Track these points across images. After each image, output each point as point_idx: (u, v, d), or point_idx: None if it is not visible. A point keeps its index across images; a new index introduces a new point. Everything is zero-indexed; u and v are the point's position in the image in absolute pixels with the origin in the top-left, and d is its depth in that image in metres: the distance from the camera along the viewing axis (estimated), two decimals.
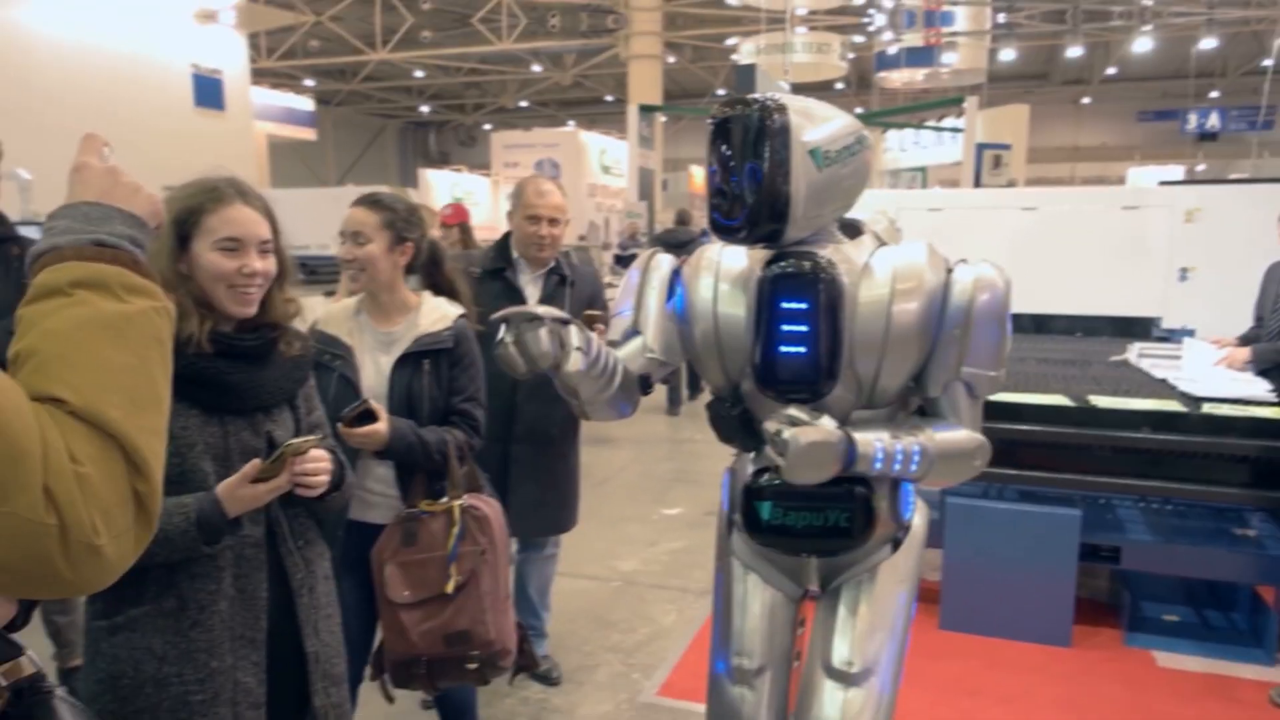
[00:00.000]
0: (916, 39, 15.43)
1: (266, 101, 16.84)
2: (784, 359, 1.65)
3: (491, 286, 2.93)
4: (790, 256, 1.64)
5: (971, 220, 5.25)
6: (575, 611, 3.78)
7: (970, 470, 1.72)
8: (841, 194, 1.64)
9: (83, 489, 0.78)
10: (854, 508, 1.70)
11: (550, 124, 26.31)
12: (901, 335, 1.64)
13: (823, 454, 1.55)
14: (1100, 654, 3.38)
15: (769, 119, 1.55)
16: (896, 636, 1.81)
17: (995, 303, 1.66)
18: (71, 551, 0.78)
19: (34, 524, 0.75)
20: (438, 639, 1.98)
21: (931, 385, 1.71)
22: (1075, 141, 28.05)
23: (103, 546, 0.79)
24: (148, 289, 0.90)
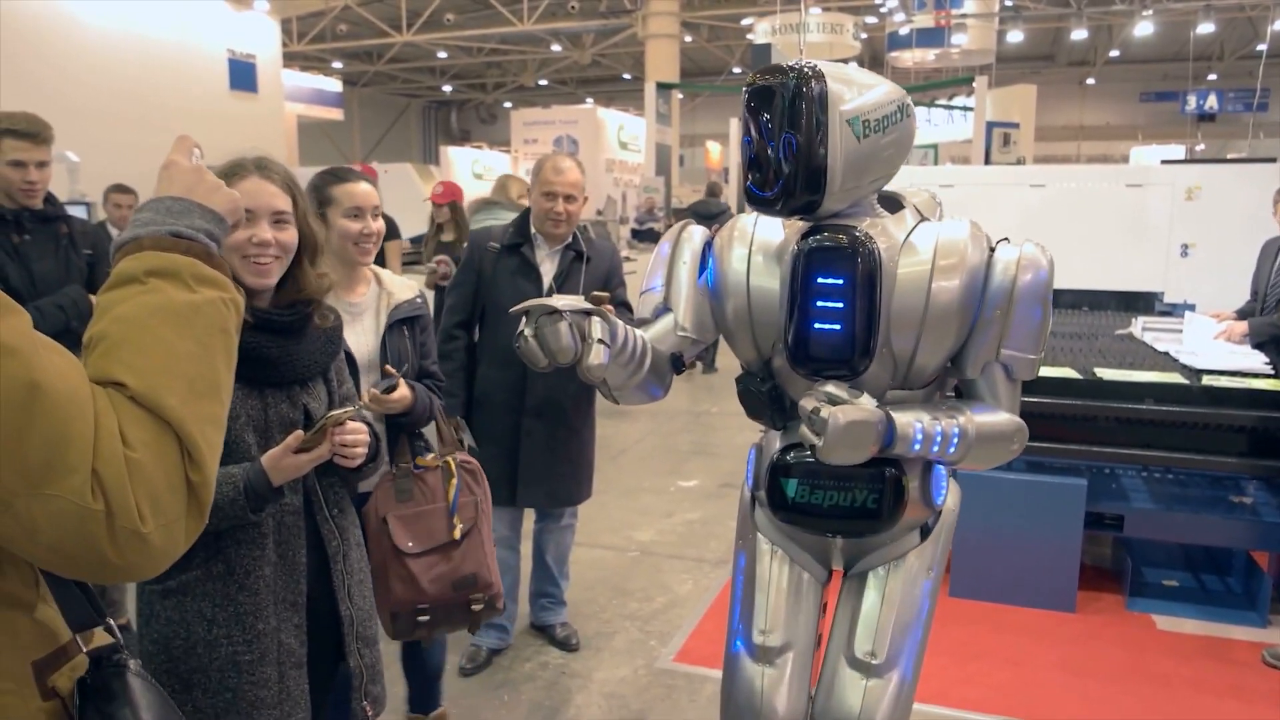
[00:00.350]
0: (927, 20, 15.36)
1: (296, 83, 17.01)
2: (818, 335, 1.60)
3: (509, 262, 3.01)
4: (827, 229, 1.58)
5: (982, 197, 5.30)
6: (593, 580, 3.91)
7: (1007, 454, 1.66)
8: (881, 164, 1.57)
9: (132, 475, 0.78)
10: (883, 489, 1.64)
11: (569, 101, 26.35)
12: (940, 314, 1.58)
13: (862, 434, 1.49)
14: (1103, 618, 3.47)
15: (806, 87, 1.48)
16: (920, 625, 1.77)
17: (1038, 284, 1.60)
18: (118, 537, 0.78)
19: (81, 508, 0.76)
20: (447, 584, 2.09)
21: (970, 366, 1.66)
22: (1080, 121, 28.14)
23: (149, 534, 0.79)
24: (218, 280, 0.92)
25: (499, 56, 24.83)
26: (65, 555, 0.78)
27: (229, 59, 12.50)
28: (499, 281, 3.01)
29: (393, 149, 29.30)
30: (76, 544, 0.77)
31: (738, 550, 1.93)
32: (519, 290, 2.95)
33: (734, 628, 1.88)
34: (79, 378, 0.80)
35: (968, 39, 16.61)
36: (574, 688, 3.08)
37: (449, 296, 3.14)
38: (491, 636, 3.24)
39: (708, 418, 6.83)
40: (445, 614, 2.13)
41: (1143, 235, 4.93)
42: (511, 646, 3.31)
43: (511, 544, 3.24)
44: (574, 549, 3.44)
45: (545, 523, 3.31)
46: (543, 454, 3.05)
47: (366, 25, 20.54)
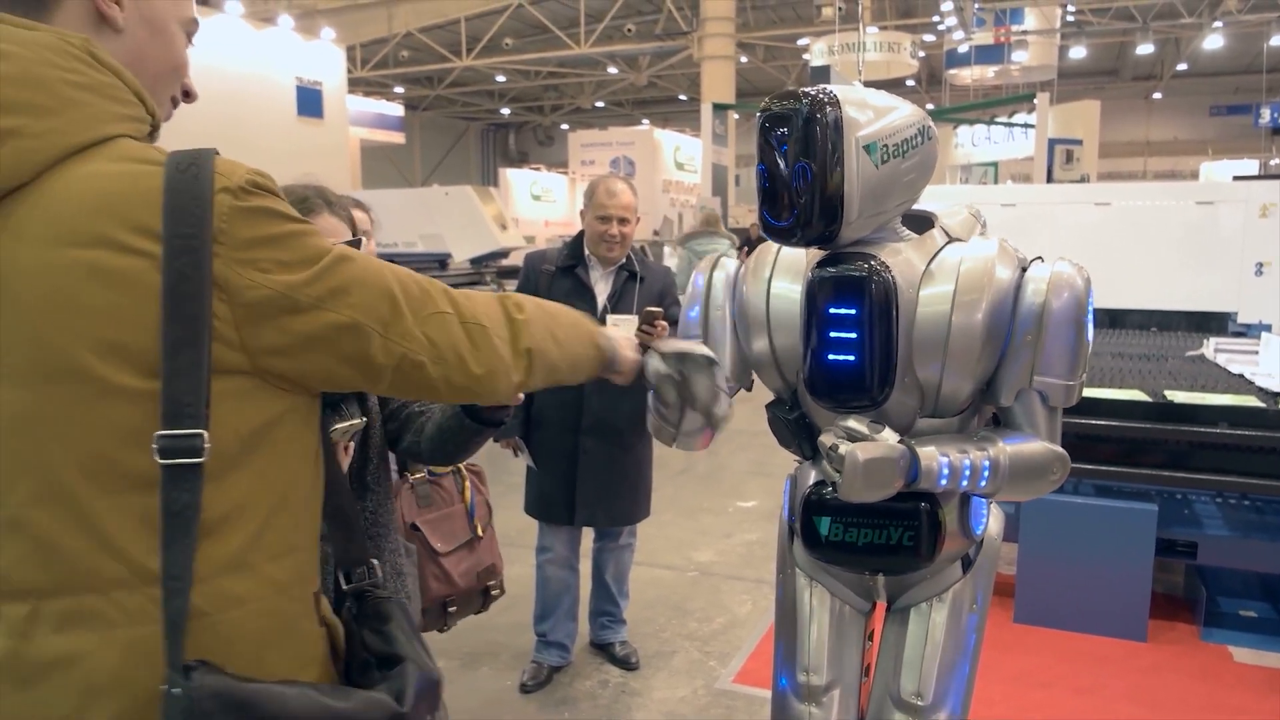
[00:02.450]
0: (987, 37, 15.22)
1: (360, 108, 17.49)
2: (833, 366, 1.55)
3: (563, 283, 3.06)
4: (842, 259, 1.53)
5: (1045, 215, 5.22)
6: (653, 599, 3.92)
7: (1047, 485, 1.58)
8: (902, 189, 1.52)
9: (462, 300, 1.06)
10: (919, 525, 1.57)
11: (626, 123, 26.59)
12: (964, 340, 1.51)
13: (882, 471, 1.44)
14: (1176, 649, 3.38)
15: (820, 113, 1.43)
16: (967, 661, 1.73)
17: (1071, 305, 1.52)
18: (470, 331, 1.03)
19: (443, 313, 1.01)
20: (473, 576, 2.25)
21: (1003, 394, 1.58)
22: (1147, 136, 27.57)
23: (488, 329, 1.05)
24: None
25: (556, 79, 25.20)
26: (449, 362, 1.01)
27: (297, 86, 12.91)
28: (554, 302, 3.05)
29: (452, 171, 29.88)
30: (452, 344, 1.01)
31: (778, 583, 1.89)
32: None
33: (778, 664, 1.84)
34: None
35: (1028, 55, 16.40)
36: (634, 706, 3.09)
37: None
38: (552, 654, 3.27)
39: (766, 438, 6.72)
40: (466, 602, 2.29)
41: (1214, 253, 4.81)
42: (571, 664, 3.33)
43: (570, 563, 3.26)
44: (633, 568, 3.46)
45: (604, 541, 3.33)
46: (600, 473, 3.07)
47: (427, 51, 21.04)
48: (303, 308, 0.91)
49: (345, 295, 0.93)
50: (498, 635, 3.54)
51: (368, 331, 0.95)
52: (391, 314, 0.96)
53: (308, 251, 0.93)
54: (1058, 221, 5.19)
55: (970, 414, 1.63)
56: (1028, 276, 1.54)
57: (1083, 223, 5.13)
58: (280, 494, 0.96)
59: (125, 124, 0.91)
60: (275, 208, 0.93)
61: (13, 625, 0.85)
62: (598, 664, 3.36)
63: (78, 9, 0.92)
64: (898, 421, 1.57)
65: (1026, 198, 5.77)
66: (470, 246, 9.42)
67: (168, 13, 0.99)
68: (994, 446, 1.53)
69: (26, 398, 0.84)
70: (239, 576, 0.92)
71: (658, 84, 25.16)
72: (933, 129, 1.57)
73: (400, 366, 0.98)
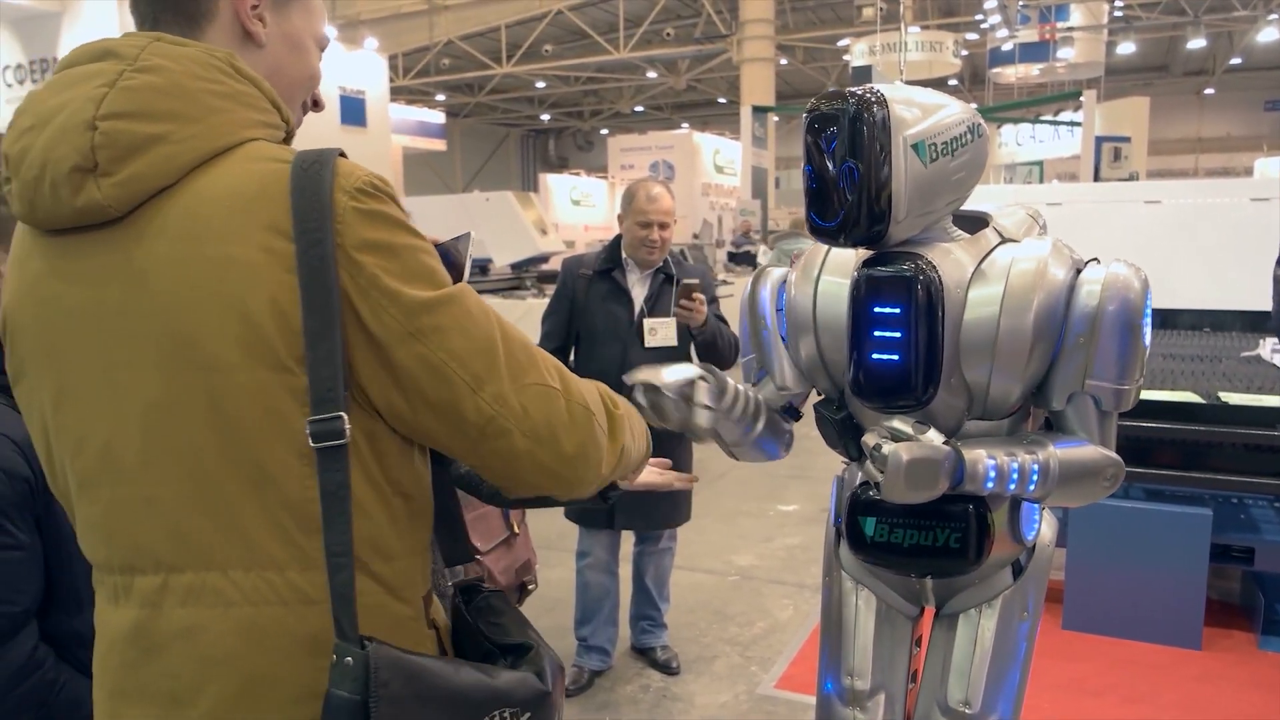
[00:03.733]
0: (1031, 35, 14.97)
1: (402, 116, 17.69)
2: (876, 365, 1.53)
3: (600, 287, 3.10)
4: (890, 258, 1.52)
5: (1092, 214, 5.11)
6: (694, 604, 3.91)
7: (1100, 490, 1.54)
8: (952, 188, 1.50)
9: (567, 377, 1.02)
10: (966, 527, 1.54)
11: (665, 127, 26.69)
12: (1013, 343, 1.48)
13: (926, 472, 1.41)
14: (1232, 657, 3.29)
15: (867, 112, 1.42)
16: (1017, 669, 1.69)
17: (1126, 309, 1.48)
18: (573, 412, 0.99)
19: (547, 388, 0.98)
20: (511, 572, 2.28)
21: (1055, 397, 1.54)
22: (1199, 133, 26.95)
23: (593, 416, 1.01)
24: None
25: (596, 85, 25.30)
26: (541, 439, 0.97)
27: (340, 96, 13.12)
28: (591, 306, 3.09)
29: (493, 177, 30.13)
30: (548, 420, 0.97)
31: (824, 586, 1.87)
32: (611, 314, 3.05)
33: (823, 668, 1.82)
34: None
35: (1075, 52, 16.11)
36: (675, 711, 3.08)
37: (543, 324, 3.22)
38: (593, 659, 3.28)
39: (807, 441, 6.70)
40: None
41: (1269, 251, 4.66)
42: (612, 669, 3.33)
43: (610, 568, 3.27)
44: (674, 572, 3.46)
45: (644, 546, 3.33)
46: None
47: (468, 58, 21.26)
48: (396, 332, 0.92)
49: (443, 335, 0.92)
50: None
51: (456, 382, 0.93)
52: (487, 372, 0.94)
53: (420, 270, 0.93)
54: (1106, 220, 5.07)
55: (1021, 417, 1.60)
56: (1082, 278, 1.51)
57: (1132, 221, 5.01)
58: (388, 505, 0.98)
59: (261, 129, 0.97)
60: (391, 214, 0.94)
61: (145, 596, 0.93)
62: (639, 669, 3.36)
63: (226, 27, 1.00)
64: (945, 423, 1.55)
65: (1073, 196, 5.65)
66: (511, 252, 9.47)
67: (304, 30, 1.08)
68: (1044, 450, 1.49)
69: (167, 385, 0.90)
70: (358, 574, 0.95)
71: (697, 87, 25.15)
72: (983, 126, 1.54)
73: (486, 431, 0.95)
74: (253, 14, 1.01)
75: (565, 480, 1.01)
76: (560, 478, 1.01)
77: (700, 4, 19.13)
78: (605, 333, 3.07)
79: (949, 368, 1.52)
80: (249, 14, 1.01)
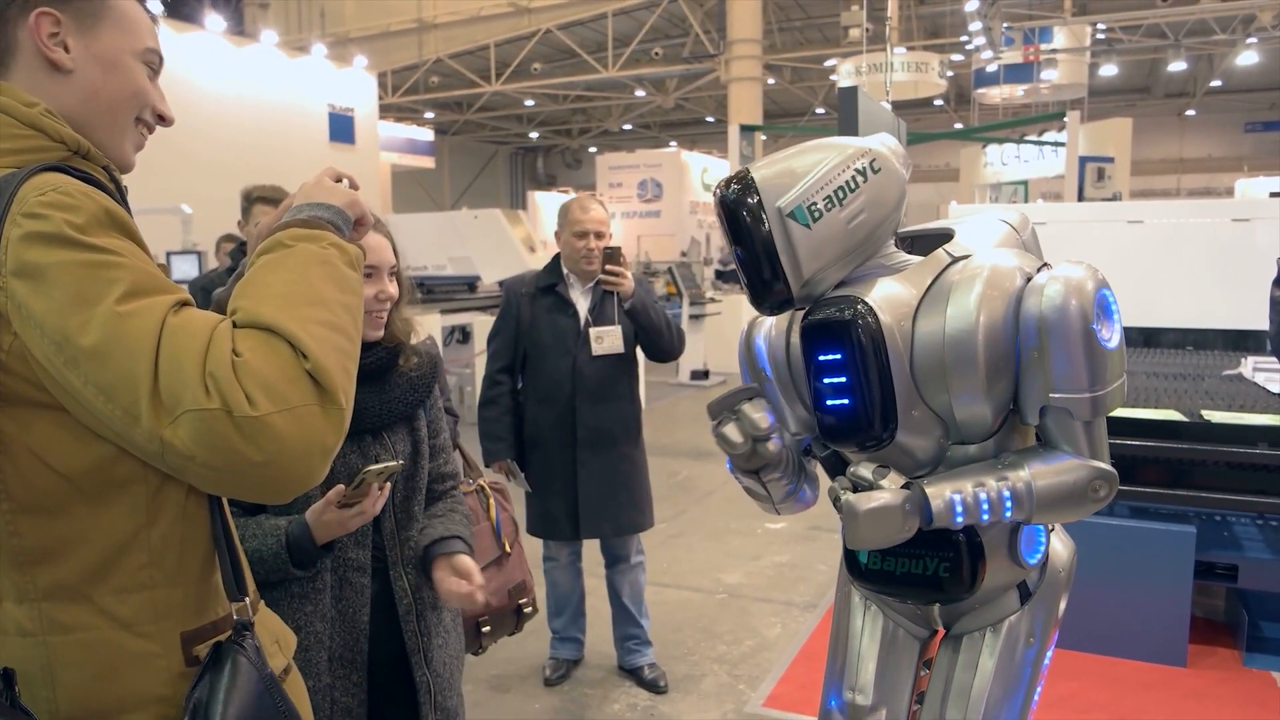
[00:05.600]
0: (1015, 56, 15.15)
1: (391, 134, 17.74)
2: (832, 411, 1.52)
3: (543, 301, 3.18)
4: (825, 304, 1.51)
5: (1076, 234, 5.17)
6: (681, 622, 3.90)
7: (1091, 503, 1.49)
8: (854, 232, 1.48)
9: (238, 371, 0.89)
10: (956, 556, 1.53)
11: (653, 145, 26.82)
12: (963, 365, 1.45)
13: (886, 519, 1.42)
14: (1218, 674, 3.30)
15: (736, 198, 1.47)
16: (1020, 695, 1.66)
17: (1071, 315, 1.42)
18: (242, 428, 0.87)
19: (202, 411, 0.87)
20: (504, 593, 2.22)
21: (1028, 412, 1.51)
22: (1180, 154, 27.37)
23: (267, 417, 0.88)
24: (314, 236, 1.04)
25: (584, 103, 25.40)
26: (218, 468, 0.89)
27: (329, 113, 13.15)
28: (537, 323, 3.17)
29: (481, 194, 30.17)
30: (217, 449, 0.87)
31: (836, 599, 1.88)
32: (557, 327, 3.14)
33: (827, 681, 1.82)
34: (185, 319, 0.93)
35: (1058, 74, 16.30)
36: None
37: (490, 344, 3.30)
38: (568, 649, 3.46)
39: None
40: (500, 621, 2.26)
41: (1251, 271, 4.71)
42: (601, 687, 3.33)
43: (575, 567, 3.42)
44: (662, 590, 3.47)
45: (615, 565, 3.37)
46: (600, 485, 3.16)
47: (457, 76, 21.32)
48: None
49: (91, 365, 0.89)
50: (525, 658, 3.53)
51: (112, 415, 0.90)
52: (134, 406, 0.89)
53: (76, 291, 0.90)
54: (1090, 240, 5.13)
55: (1005, 434, 1.55)
56: (1029, 287, 1.46)
57: (1115, 241, 5.07)
58: (129, 532, 0.99)
59: (8, 157, 0.98)
60: (57, 231, 0.90)
61: None
62: (626, 687, 3.34)
63: (29, 60, 1.02)
64: (923, 454, 1.54)
65: (1057, 216, 5.71)
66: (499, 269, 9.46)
67: (120, 48, 1.06)
68: (1016, 473, 1.46)
69: None
70: (70, 605, 0.97)
71: (685, 106, 25.29)
72: (881, 160, 1.51)
73: (166, 462, 0.92)
74: (52, 42, 1.01)
75: (287, 480, 0.92)
76: (277, 482, 0.92)
77: (688, 24, 19.27)
78: (553, 347, 3.15)
79: (907, 402, 1.49)
80: (48, 42, 1.01)
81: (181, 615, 1.03)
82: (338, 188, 1.14)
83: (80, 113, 1.03)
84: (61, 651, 0.96)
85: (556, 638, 3.48)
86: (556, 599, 3.45)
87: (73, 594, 0.97)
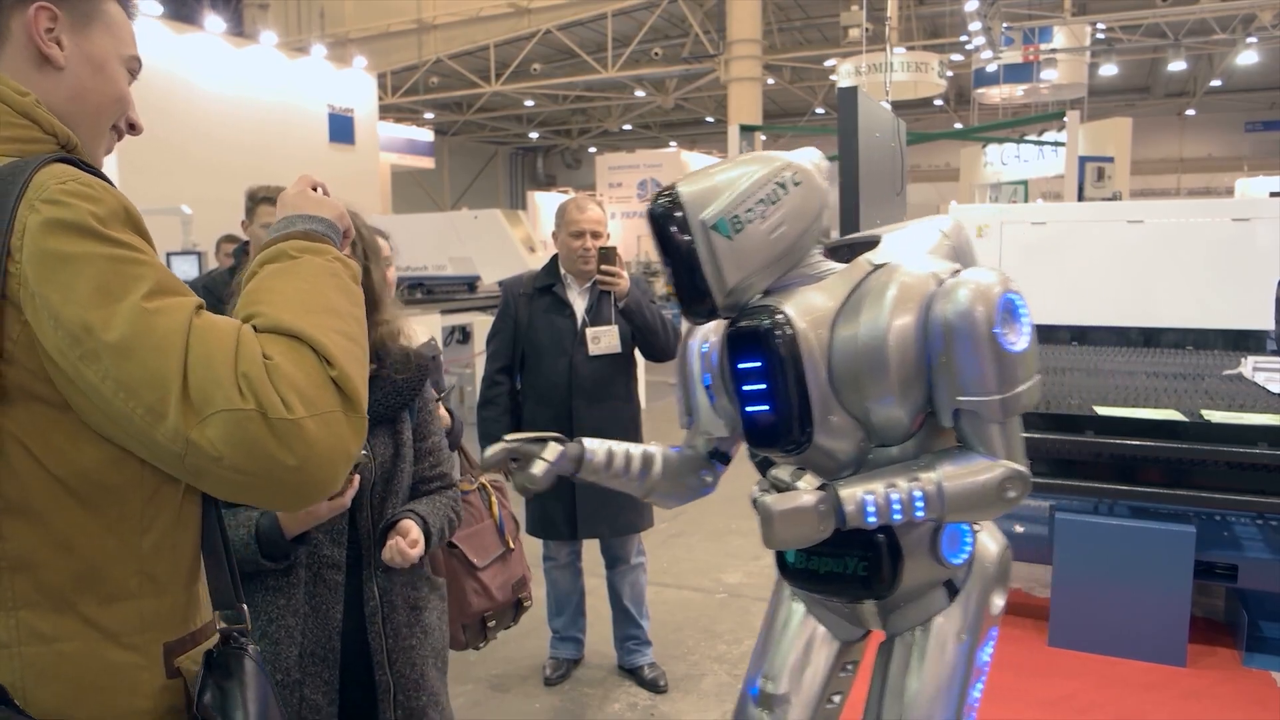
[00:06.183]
0: (1015, 56, 15.16)
1: (390, 134, 17.74)
2: (752, 417, 1.58)
3: (541, 302, 3.19)
4: (747, 313, 1.57)
5: (1076, 234, 5.17)
6: (681, 621, 3.90)
7: (1002, 503, 1.52)
8: (776, 243, 1.53)
9: (272, 374, 0.88)
10: (874, 555, 1.58)
11: (653, 145, 26.82)
12: (876, 371, 1.51)
13: (798, 520, 1.46)
14: (1217, 674, 3.30)
15: (665, 208, 1.53)
16: (955, 691, 1.69)
17: (973, 321, 1.46)
18: (276, 430, 0.87)
19: (236, 412, 0.86)
20: (508, 588, 2.29)
21: (942, 415, 1.55)
22: (1180, 153, 27.36)
23: (302, 421, 0.88)
24: (318, 249, 1.05)
25: (584, 103, 25.41)
26: (247, 471, 0.87)
27: (329, 113, 13.15)
28: (535, 323, 3.18)
29: (481, 195, 30.17)
30: (249, 452, 0.86)
31: (773, 591, 1.96)
32: (554, 327, 3.15)
33: (750, 669, 1.90)
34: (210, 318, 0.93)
35: (1058, 74, 16.30)
36: None
37: (489, 345, 3.31)
38: (568, 648, 3.47)
39: None
40: (502, 615, 2.31)
41: (1251, 270, 4.72)
42: (601, 687, 3.33)
43: (575, 567, 3.42)
44: (662, 590, 3.47)
45: (616, 567, 3.37)
46: (598, 485, 3.14)
47: (457, 77, 21.31)
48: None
49: (112, 360, 0.87)
50: (525, 658, 3.54)
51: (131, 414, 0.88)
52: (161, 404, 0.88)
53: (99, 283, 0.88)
54: (1090, 240, 5.13)
55: (926, 436, 1.59)
56: (938, 292, 1.51)
57: (1115, 241, 5.06)
58: (119, 539, 0.96)
59: (1, 145, 0.95)
60: (78, 220, 0.89)
61: None
62: (626, 687, 3.35)
63: (19, 49, 0.99)
64: (845, 457, 1.59)
65: (1057, 216, 5.70)
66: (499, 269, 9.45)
67: (109, 51, 1.06)
68: (927, 474, 1.50)
69: None
70: (50, 615, 0.93)
71: (685, 106, 25.30)
72: (802, 174, 1.56)
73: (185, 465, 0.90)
74: (48, 37, 1.00)
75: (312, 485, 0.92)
76: (303, 486, 0.91)
77: (688, 24, 19.27)
78: (550, 347, 3.15)
79: (823, 408, 1.54)
80: (43, 37, 0.99)
81: (166, 625, 1.00)
82: (326, 200, 1.15)
83: (64, 111, 1.02)
84: (38, 663, 0.92)
85: (556, 637, 3.48)
86: (556, 599, 3.45)
87: (56, 602, 0.93)
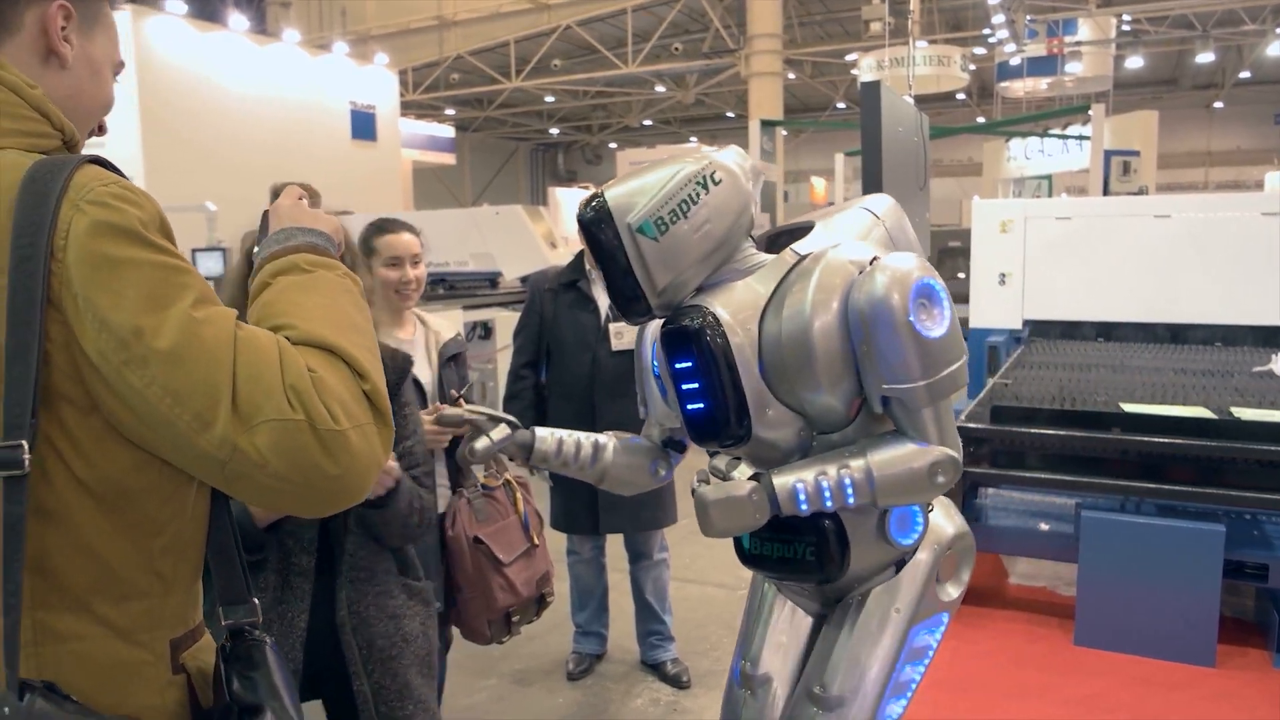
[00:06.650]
0: (1039, 49, 14.98)
1: (412, 131, 17.79)
2: (691, 414, 1.62)
3: (566, 298, 3.22)
4: (679, 313, 1.60)
5: (1102, 229, 5.11)
6: (704, 617, 3.90)
7: (931, 488, 1.54)
8: (701, 241, 1.56)
9: (317, 386, 0.90)
10: (821, 540, 1.62)
11: (673, 140, 26.78)
12: (800, 362, 1.53)
13: (733, 509, 1.51)
14: (1248, 675, 3.26)
15: (593, 215, 1.56)
16: (882, 664, 1.71)
17: (893, 307, 1.46)
18: (324, 440, 0.89)
19: (286, 422, 0.88)
20: (533, 583, 2.31)
21: (873, 401, 1.56)
22: (1208, 147, 26.89)
23: (347, 432, 0.90)
24: (328, 264, 1.06)
25: (604, 99, 25.42)
26: (290, 479, 0.89)
27: (351, 110, 13.20)
28: (560, 318, 3.21)
29: (502, 191, 30.24)
30: (294, 461, 0.88)
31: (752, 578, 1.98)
32: (579, 323, 3.18)
33: (735, 653, 1.93)
34: (252, 328, 0.95)
35: (1083, 66, 16.10)
36: None
37: (515, 339, 3.34)
38: (591, 643, 3.49)
39: None
40: (525, 609, 2.34)
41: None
42: (624, 682, 3.34)
43: (598, 561, 3.45)
44: (684, 586, 3.47)
45: (639, 561, 3.38)
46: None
47: (478, 73, 21.37)
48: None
49: (160, 366, 0.87)
50: (548, 652, 3.55)
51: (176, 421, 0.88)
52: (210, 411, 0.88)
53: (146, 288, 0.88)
54: (1116, 235, 5.07)
55: (865, 422, 1.61)
56: (857, 280, 1.52)
57: (1142, 235, 5.00)
58: (135, 540, 0.97)
59: (16, 138, 0.95)
60: (124, 224, 0.89)
61: None
62: (649, 682, 3.35)
63: (29, 44, 0.99)
64: (787, 446, 1.62)
65: (1083, 211, 5.63)
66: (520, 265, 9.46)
67: (105, 55, 1.08)
68: (856, 460, 1.52)
69: None
70: (66, 614, 0.93)
71: (705, 102, 25.25)
72: (722, 171, 1.58)
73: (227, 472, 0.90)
74: (62, 34, 1.01)
75: (347, 494, 0.94)
76: (339, 495, 0.93)
77: (708, 19, 19.23)
78: (574, 342, 3.17)
79: (759, 401, 1.57)
80: (59, 35, 1.00)
81: (173, 623, 1.02)
82: (321, 215, 1.15)
83: (61, 109, 1.02)
84: (54, 662, 0.92)
85: (579, 632, 3.49)
86: (580, 594, 3.47)
87: (71, 603, 0.93)
